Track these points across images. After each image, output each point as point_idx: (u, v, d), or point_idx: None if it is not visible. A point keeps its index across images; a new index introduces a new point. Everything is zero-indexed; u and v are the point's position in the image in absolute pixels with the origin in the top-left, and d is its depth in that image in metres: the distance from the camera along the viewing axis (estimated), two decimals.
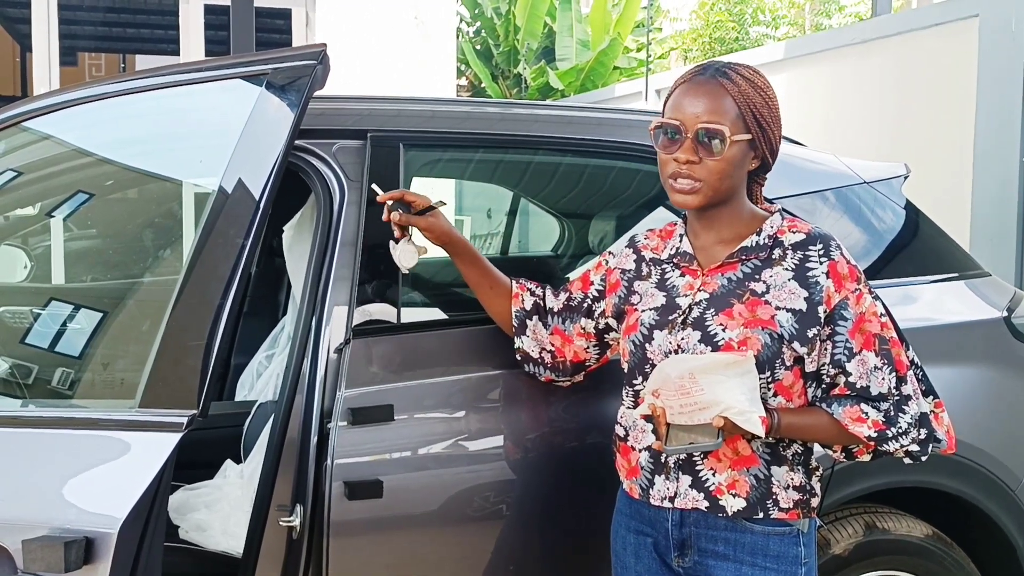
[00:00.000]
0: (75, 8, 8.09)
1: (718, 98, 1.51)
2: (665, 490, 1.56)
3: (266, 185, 1.65)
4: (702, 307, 1.54)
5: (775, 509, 1.53)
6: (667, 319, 1.56)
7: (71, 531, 1.48)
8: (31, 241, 3.62)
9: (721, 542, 1.53)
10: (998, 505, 2.17)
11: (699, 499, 1.54)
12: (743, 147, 1.53)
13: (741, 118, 1.51)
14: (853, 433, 1.52)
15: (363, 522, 1.82)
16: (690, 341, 1.52)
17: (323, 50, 1.77)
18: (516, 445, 1.93)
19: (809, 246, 1.54)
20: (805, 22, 16.46)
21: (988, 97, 5.57)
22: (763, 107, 1.53)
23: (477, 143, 2.24)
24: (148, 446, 1.56)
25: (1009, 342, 2.26)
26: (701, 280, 1.57)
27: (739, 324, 1.50)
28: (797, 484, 1.55)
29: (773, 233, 1.57)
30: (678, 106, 1.54)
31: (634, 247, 1.72)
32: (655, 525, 1.59)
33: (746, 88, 1.52)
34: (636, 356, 1.59)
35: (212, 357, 1.57)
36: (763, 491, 1.52)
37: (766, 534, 1.53)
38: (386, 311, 1.93)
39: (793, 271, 1.53)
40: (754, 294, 1.52)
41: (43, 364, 2.41)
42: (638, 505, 1.61)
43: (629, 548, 1.64)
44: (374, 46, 6.50)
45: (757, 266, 1.55)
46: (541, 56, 14.88)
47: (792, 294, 1.51)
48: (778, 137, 1.57)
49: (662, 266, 1.65)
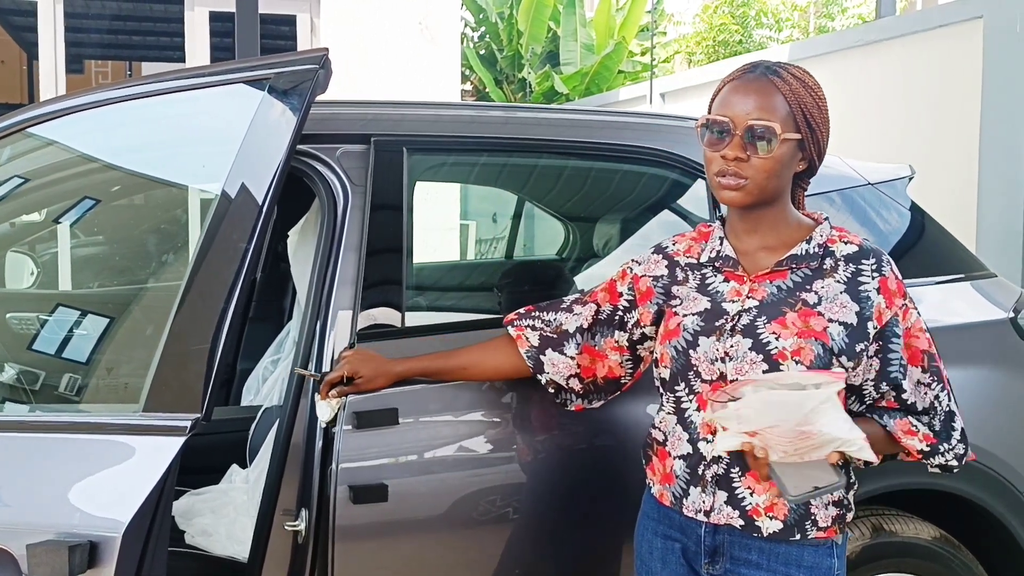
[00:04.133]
0: (81, 16, 8.13)
1: (769, 95, 1.47)
2: (700, 503, 1.52)
3: (269, 190, 1.66)
4: (752, 314, 1.49)
5: (813, 529, 1.49)
6: (713, 325, 1.51)
7: (75, 535, 1.48)
8: (37, 248, 3.64)
9: (755, 551, 1.50)
10: (1005, 507, 2.16)
11: (734, 516, 1.50)
12: (792, 147, 1.49)
13: (791, 117, 1.47)
14: (905, 445, 1.49)
15: (368, 526, 1.82)
16: (740, 348, 1.47)
17: (325, 54, 1.77)
18: (521, 448, 1.92)
19: (862, 259, 1.51)
20: (808, 24, 16.45)
21: (993, 98, 5.55)
22: (813, 107, 1.49)
23: (481, 147, 2.24)
24: (152, 450, 1.56)
25: (1015, 343, 2.25)
26: (749, 286, 1.52)
27: (792, 334, 1.45)
28: (836, 500, 1.51)
29: (823, 242, 1.53)
30: (727, 103, 1.50)
31: (663, 253, 1.66)
32: (685, 531, 1.55)
33: (797, 87, 1.49)
34: (679, 362, 1.53)
35: (216, 361, 1.58)
36: (802, 513, 1.48)
37: (801, 545, 1.49)
38: (390, 315, 1.93)
39: (845, 284, 1.49)
40: (806, 304, 1.48)
41: (49, 370, 2.42)
42: (667, 510, 1.58)
43: (656, 553, 1.59)
44: (378, 52, 6.51)
45: (808, 276, 1.51)
46: (545, 61, 14.89)
47: (844, 307, 1.48)
48: (826, 139, 1.53)
49: (701, 270, 1.59)
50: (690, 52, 16.51)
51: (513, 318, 1.80)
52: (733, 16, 15.68)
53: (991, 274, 2.39)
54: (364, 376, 1.75)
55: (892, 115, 6.33)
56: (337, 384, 1.74)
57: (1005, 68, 5.47)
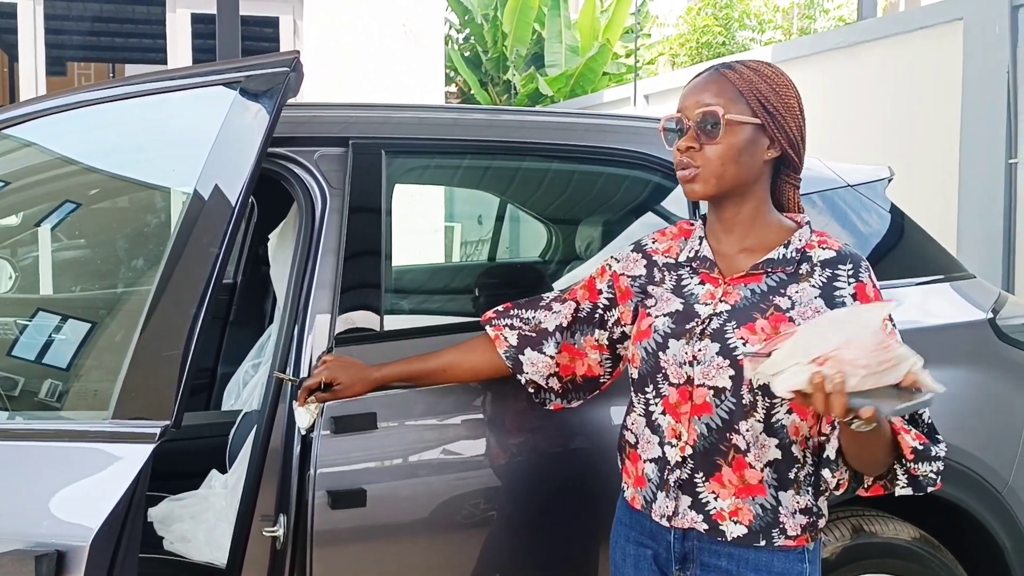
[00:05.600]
0: (62, 18, 8.07)
1: (718, 85, 1.49)
2: (665, 508, 1.51)
3: (240, 193, 1.64)
4: (722, 319, 1.48)
5: (781, 537, 1.47)
6: (684, 328, 1.50)
7: (42, 544, 1.46)
8: (12, 252, 3.61)
9: (724, 557, 1.49)
10: (985, 507, 2.17)
11: (698, 520, 1.49)
12: (747, 132, 1.47)
13: (742, 101, 1.47)
14: (901, 442, 1.41)
15: (347, 531, 1.81)
16: (708, 353, 1.46)
17: (296, 57, 1.76)
18: (500, 452, 1.91)
19: (839, 265, 1.49)
20: (791, 26, 16.52)
21: (973, 99, 5.60)
22: (769, 92, 1.49)
23: (463, 150, 2.23)
24: (121, 458, 1.54)
25: (994, 344, 2.26)
26: (723, 289, 1.51)
27: (761, 340, 1.44)
28: (804, 507, 1.49)
29: (802, 247, 1.51)
30: (681, 100, 1.52)
31: (642, 251, 1.65)
32: (656, 538, 1.54)
33: (749, 75, 1.49)
34: (648, 364, 1.52)
35: (187, 367, 1.56)
36: (768, 520, 1.47)
37: (772, 551, 1.48)
38: (369, 319, 1.92)
39: (820, 289, 1.47)
40: (778, 309, 1.46)
41: (27, 376, 2.39)
42: (639, 516, 1.57)
43: (629, 559, 1.59)
44: (362, 54, 6.49)
45: (783, 280, 1.49)
46: (530, 62, 14.90)
47: (817, 312, 1.45)
48: (796, 127, 1.51)
49: (678, 271, 1.58)
50: (674, 54, 16.56)
51: (491, 316, 1.78)
52: (716, 18, 15.74)
53: (970, 275, 2.40)
54: (343, 383, 1.74)
55: (873, 116, 6.37)
56: (316, 390, 1.73)
57: (985, 70, 5.51)
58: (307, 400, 1.73)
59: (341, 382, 1.74)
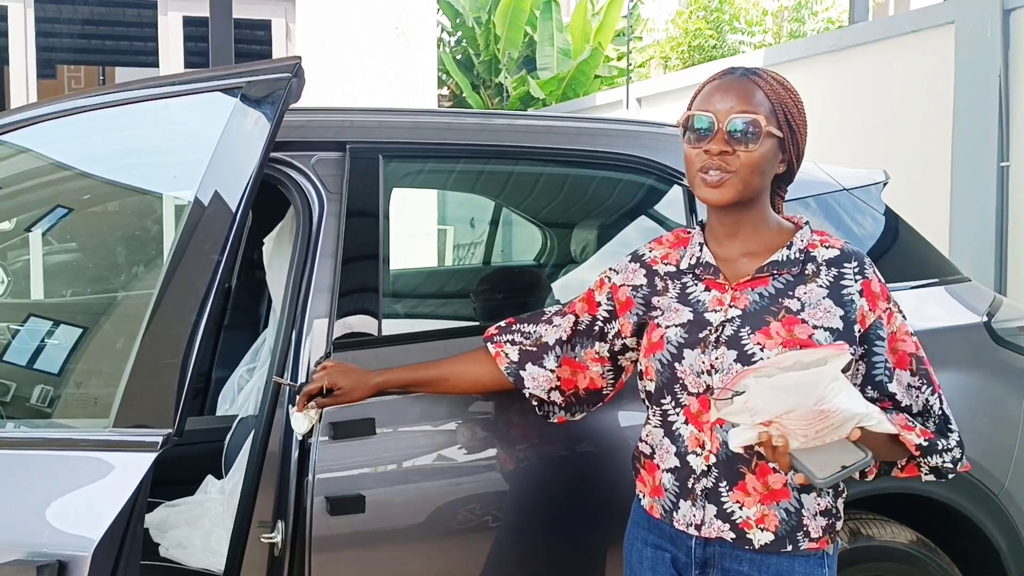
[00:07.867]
0: (53, 21, 8.03)
1: (751, 92, 1.47)
2: (691, 516, 1.51)
3: (241, 200, 1.63)
4: (735, 325, 1.47)
5: (805, 540, 1.48)
6: (697, 337, 1.49)
7: (44, 554, 1.45)
8: (7, 257, 3.58)
9: (746, 562, 1.49)
10: (981, 510, 2.18)
11: (724, 529, 1.49)
12: (774, 145, 1.48)
13: (774, 114, 1.47)
14: (904, 440, 1.45)
15: (346, 537, 1.80)
16: (725, 361, 1.45)
17: (298, 63, 1.75)
18: (499, 458, 1.91)
19: (844, 263, 1.50)
20: (782, 29, 16.57)
21: (965, 103, 5.62)
22: (793, 108, 1.49)
23: (458, 154, 2.23)
24: (123, 466, 1.53)
25: (989, 347, 2.27)
26: (730, 295, 1.51)
27: (777, 344, 1.43)
28: (824, 508, 1.50)
29: (804, 247, 1.52)
30: (709, 101, 1.48)
31: (641, 261, 1.64)
32: (676, 542, 1.54)
33: (777, 87, 1.49)
34: (664, 376, 1.51)
35: (188, 375, 1.55)
36: (794, 524, 1.47)
37: (792, 556, 1.48)
38: (367, 323, 1.92)
39: (828, 288, 1.48)
40: (789, 312, 1.46)
41: (20, 382, 2.38)
42: (657, 521, 1.56)
43: (646, 562, 1.58)
44: (354, 57, 6.48)
45: (789, 282, 1.49)
46: (522, 65, 14.90)
47: (828, 312, 1.46)
48: (804, 144, 1.53)
49: (681, 278, 1.57)
50: (665, 57, 16.58)
51: (493, 333, 1.77)
52: (707, 21, 15.77)
53: (965, 278, 2.41)
54: (343, 388, 1.73)
55: (865, 120, 6.39)
56: (315, 396, 1.73)
57: (976, 72, 5.54)
58: (306, 405, 1.72)
59: (341, 387, 1.73)
